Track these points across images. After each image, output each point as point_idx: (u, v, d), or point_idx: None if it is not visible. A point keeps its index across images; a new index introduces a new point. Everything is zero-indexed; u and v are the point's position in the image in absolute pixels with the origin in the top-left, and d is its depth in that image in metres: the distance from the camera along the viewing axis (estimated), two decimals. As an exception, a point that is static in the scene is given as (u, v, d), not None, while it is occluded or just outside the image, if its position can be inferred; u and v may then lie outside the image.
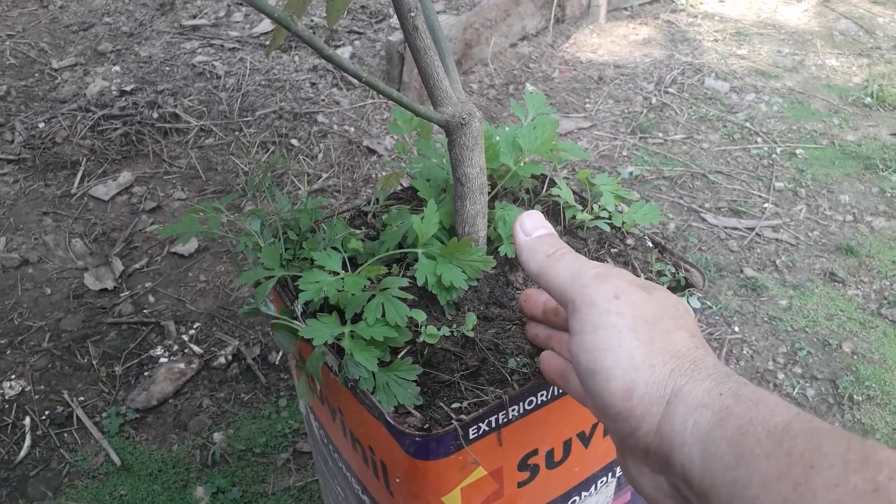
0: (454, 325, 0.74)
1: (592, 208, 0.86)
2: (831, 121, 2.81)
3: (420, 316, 0.72)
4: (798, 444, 0.31)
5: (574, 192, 0.89)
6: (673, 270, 0.80)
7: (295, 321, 0.74)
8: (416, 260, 0.75)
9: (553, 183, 0.91)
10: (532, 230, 0.53)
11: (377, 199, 0.97)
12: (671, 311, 0.44)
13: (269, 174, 2.28)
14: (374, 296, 0.71)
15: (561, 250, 0.51)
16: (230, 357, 1.70)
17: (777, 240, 2.20)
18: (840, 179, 2.47)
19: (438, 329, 0.72)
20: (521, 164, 0.86)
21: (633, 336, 0.42)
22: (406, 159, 0.93)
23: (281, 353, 1.71)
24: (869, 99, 2.95)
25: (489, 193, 0.79)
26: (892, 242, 2.19)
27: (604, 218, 0.85)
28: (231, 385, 1.65)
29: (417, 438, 0.63)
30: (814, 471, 0.30)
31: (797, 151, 2.61)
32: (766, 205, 2.34)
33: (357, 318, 0.71)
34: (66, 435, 1.54)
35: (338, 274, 0.73)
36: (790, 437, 0.32)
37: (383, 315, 0.70)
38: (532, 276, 0.51)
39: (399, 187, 1.03)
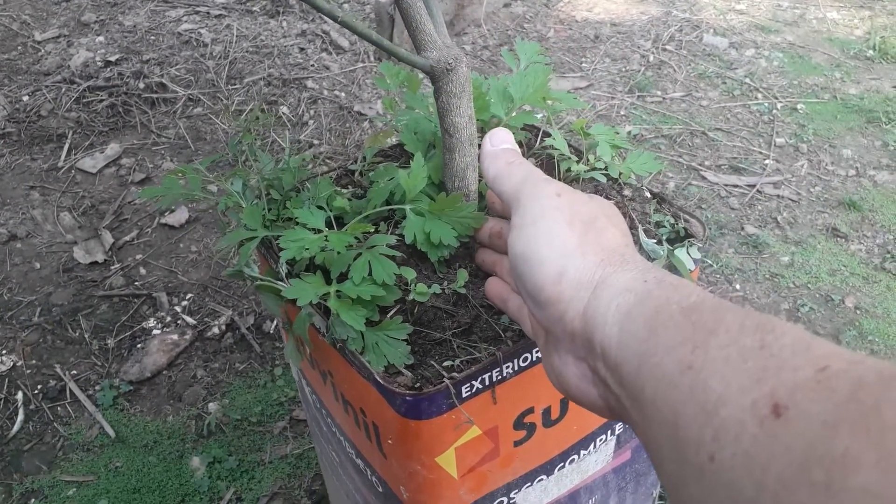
0: (445, 283, 0.71)
1: (588, 159, 0.83)
2: (833, 74, 2.75)
3: (409, 274, 0.69)
4: (704, 316, 0.34)
5: (569, 145, 0.85)
6: (672, 221, 0.77)
7: (279, 282, 0.72)
8: (405, 217, 0.71)
9: (547, 135, 0.87)
10: (499, 143, 0.58)
11: (364, 157, 0.93)
12: (607, 212, 0.47)
13: (252, 133, 2.24)
14: (360, 254, 0.68)
15: (519, 160, 0.55)
16: (224, 327, 1.68)
17: (778, 196, 2.16)
18: (842, 134, 2.43)
19: (429, 287, 0.69)
20: (513, 114, 0.82)
21: (568, 228, 0.45)
22: (394, 116, 0.89)
23: (276, 322, 1.69)
24: (871, 52, 2.89)
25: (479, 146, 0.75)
26: (895, 196, 2.15)
27: (600, 169, 0.81)
28: (225, 355, 1.63)
29: (408, 398, 0.60)
30: (712, 335, 0.32)
31: (798, 106, 2.56)
32: (767, 161, 2.30)
33: (343, 278, 0.68)
34: (59, 409, 1.52)
35: (321, 232, 0.70)
36: (699, 312, 0.34)
37: (370, 273, 0.67)
38: (489, 181, 0.56)
39: (388, 145, 0.99)
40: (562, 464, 0.78)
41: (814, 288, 1.86)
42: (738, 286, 1.86)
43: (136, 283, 1.81)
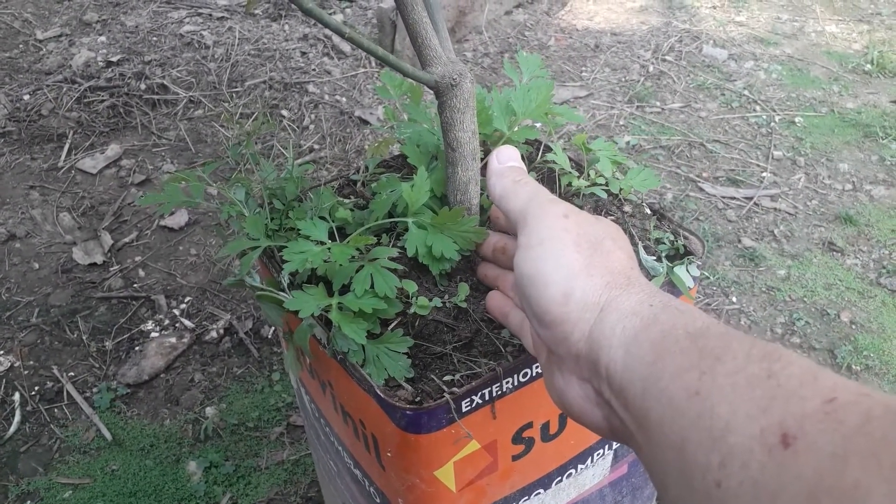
0: (446, 296, 0.71)
1: (589, 174, 0.83)
2: (831, 88, 2.77)
3: (411, 287, 0.69)
4: (710, 343, 0.34)
5: (570, 159, 0.86)
6: (671, 238, 0.77)
7: (281, 293, 0.72)
8: (407, 229, 0.72)
9: (548, 149, 0.88)
10: (506, 160, 0.59)
11: (367, 168, 0.94)
12: (613, 235, 0.48)
13: (253, 141, 2.24)
14: (362, 266, 0.68)
15: (526, 178, 0.55)
16: (222, 331, 1.68)
17: (775, 209, 2.17)
18: (839, 148, 2.44)
19: (430, 300, 0.70)
20: (515, 128, 0.83)
21: (575, 249, 0.45)
22: (396, 126, 0.89)
23: (273, 327, 1.69)
24: (869, 66, 2.90)
25: (482, 159, 0.76)
26: (891, 211, 2.17)
27: (600, 184, 0.82)
28: (223, 359, 1.63)
29: (408, 412, 0.61)
30: (719, 362, 0.32)
31: (796, 119, 2.58)
32: (764, 174, 2.31)
33: (345, 290, 0.68)
34: (56, 410, 1.52)
35: (324, 244, 0.71)
36: (705, 338, 0.35)
37: (372, 286, 0.67)
38: (495, 199, 0.56)
39: (390, 155, 1.00)
40: (559, 478, 0.78)
41: (809, 302, 1.87)
42: (734, 299, 1.87)
43: (135, 286, 1.82)
